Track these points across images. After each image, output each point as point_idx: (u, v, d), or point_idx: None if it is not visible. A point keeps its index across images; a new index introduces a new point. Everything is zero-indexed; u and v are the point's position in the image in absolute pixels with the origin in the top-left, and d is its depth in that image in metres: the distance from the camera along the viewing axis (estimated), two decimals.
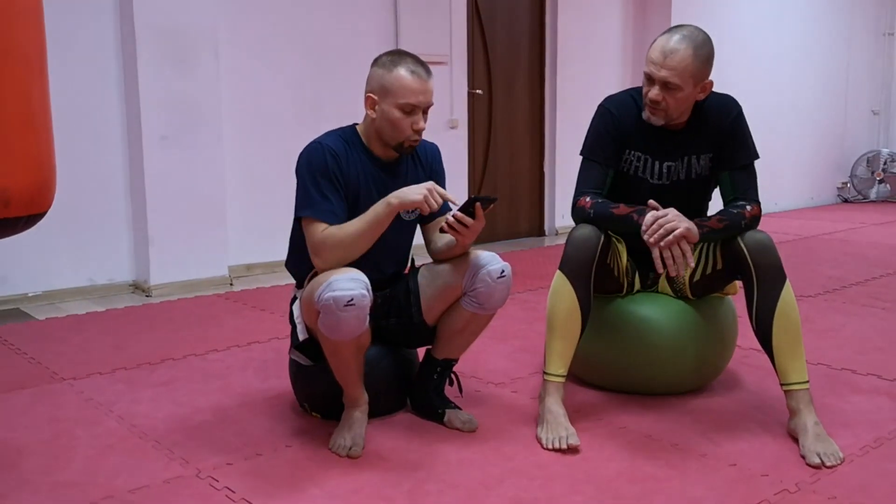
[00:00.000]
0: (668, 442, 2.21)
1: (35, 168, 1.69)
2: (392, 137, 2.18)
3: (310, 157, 2.16)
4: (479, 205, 2.08)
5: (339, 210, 2.14)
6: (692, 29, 2.27)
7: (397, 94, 2.12)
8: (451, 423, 2.32)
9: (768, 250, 2.23)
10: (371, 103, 2.17)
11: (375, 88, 2.16)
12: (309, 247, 2.14)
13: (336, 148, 2.17)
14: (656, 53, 2.24)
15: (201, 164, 4.31)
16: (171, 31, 4.13)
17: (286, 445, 2.21)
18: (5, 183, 1.63)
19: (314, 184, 2.13)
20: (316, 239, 2.10)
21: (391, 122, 2.15)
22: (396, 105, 2.13)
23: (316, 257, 2.12)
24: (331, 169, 2.14)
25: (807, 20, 7.97)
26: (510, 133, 6.14)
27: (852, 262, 4.94)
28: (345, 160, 2.17)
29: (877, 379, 2.72)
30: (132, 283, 4.31)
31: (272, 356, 3.04)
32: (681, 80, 2.21)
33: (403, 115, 2.14)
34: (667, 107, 2.27)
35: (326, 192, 2.12)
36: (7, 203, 1.65)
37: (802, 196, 8.26)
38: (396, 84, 2.12)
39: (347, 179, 2.18)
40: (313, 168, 2.14)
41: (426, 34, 5.36)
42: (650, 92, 2.27)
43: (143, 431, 2.31)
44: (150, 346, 3.18)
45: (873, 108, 8.93)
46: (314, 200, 2.12)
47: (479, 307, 2.23)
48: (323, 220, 2.11)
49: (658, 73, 2.23)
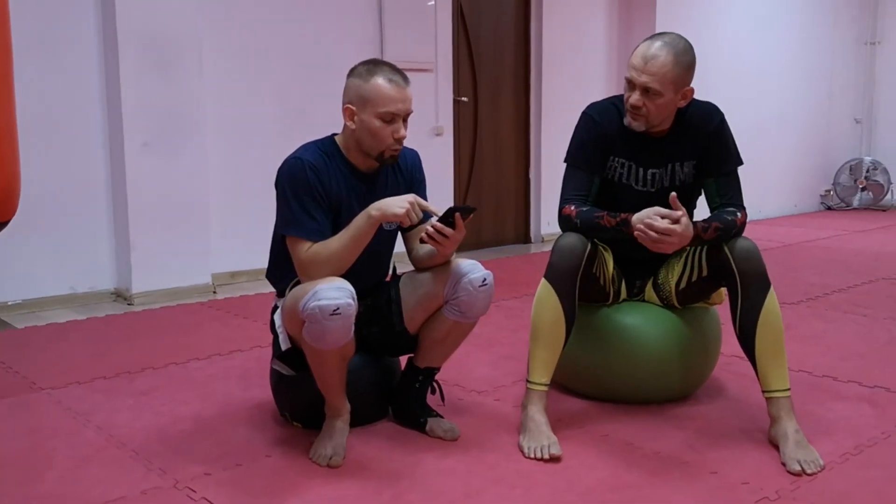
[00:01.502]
0: (650, 450, 2.21)
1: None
2: (373, 147, 2.16)
3: (291, 173, 2.13)
4: (459, 215, 2.07)
5: (323, 227, 2.12)
6: (674, 36, 2.28)
7: (376, 103, 2.11)
8: (433, 432, 2.31)
9: (753, 258, 2.24)
10: (350, 114, 2.15)
11: (354, 99, 2.14)
12: (296, 266, 2.12)
13: (316, 162, 2.15)
14: (638, 59, 2.25)
15: (184, 170, 4.28)
16: (154, 37, 4.11)
17: (266, 455, 2.19)
18: None
19: (297, 201, 2.10)
20: (303, 258, 2.09)
21: (371, 131, 2.13)
22: (376, 114, 2.12)
23: (304, 276, 2.10)
24: (313, 185, 2.12)
25: (791, 29, 8.03)
26: (496, 140, 6.15)
27: (835, 270, 4.97)
28: (325, 174, 2.16)
29: (857, 386, 2.73)
30: (114, 291, 4.28)
31: (254, 365, 3.02)
32: (661, 85, 2.22)
33: (384, 124, 2.13)
34: (647, 112, 2.27)
35: (310, 210, 2.10)
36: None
37: (786, 203, 8.30)
38: (374, 93, 2.11)
39: (329, 193, 2.16)
40: (295, 184, 2.11)
41: (411, 42, 5.36)
42: (631, 97, 2.28)
43: (122, 441, 2.28)
44: (130, 355, 3.16)
45: (856, 116, 9.00)
46: (299, 219, 2.10)
47: (461, 315, 2.22)
48: (309, 238, 2.09)
49: (639, 78, 2.24)
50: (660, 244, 2.17)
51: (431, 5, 5.45)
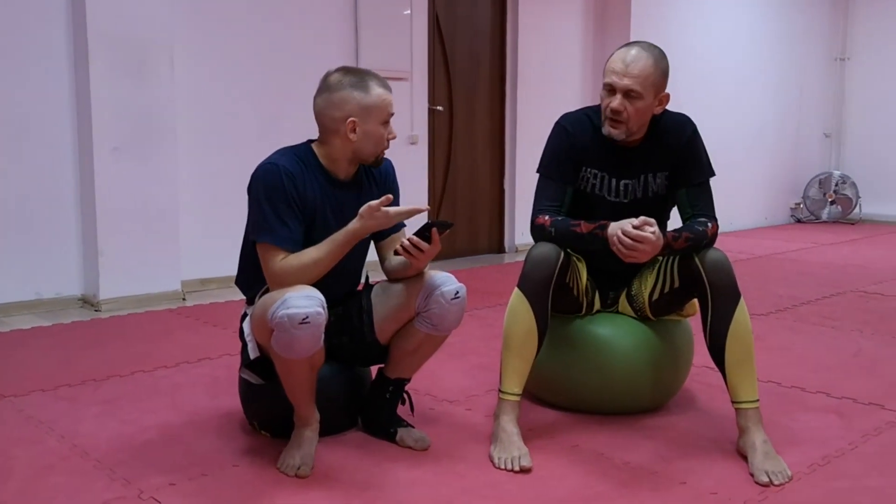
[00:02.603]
0: (620, 460, 2.21)
1: None
2: (372, 153, 2.20)
3: (266, 179, 2.11)
4: (436, 230, 2.07)
5: (297, 235, 2.11)
6: (648, 43, 2.33)
7: (381, 110, 2.16)
8: (402, 442, 2.29)
9: (724, 269, 2.25)
10: (352, 126, 2.14)
11: (355, 111, 2.14)
12: (266, 275, 2.10)
13: (293, 169, 2.13)
14: (618, 64, 2.26)
15: (155, 176, 4.23)
16: (126, 40, 4.07)
17: (233, 465, 2.16)
18: None
19: (271, 207, 2.08)
20: (275, 269, 2.07)
21: (375, 138, 2.17)
22: (381, 122, 2.16)
23: (274, 284, 2.09)
24: (288, 191, 2.10)
25: (762, 45, 8.14)
26: (470, 149, 6.15)
27: (804, 282, 5.03)
28: (301, 181, 2.14)
29: (826, 397, 2.75)
30: (81, 297, 4.21)
31: (223, 373, 2.98)
32: (643, 88, 2.25)
33: (384, 127, 2.18)
34: (628, 118, 2.28)
35: (284, 217, 2.09)
36: None
37: (757, 216, 8.39)
38: (378, 102, 2.15)
39: (304, 201, 2.14)
40: (270, 190, 2.09)
41: (386, 50, 5.36)
42: (612, 102, 2.28)
43: (85, 451, 2.24)
44: (96, 363, 3.10)
45: (825, 130, 9.13)
46: (272, 226, 2.08)
47: (432, 328, 2.21)
48: (281, 247, 2.08)
49: (621, 81, 2.25)
50: (633, 252, 2.17)
51: (407, 14, 5.45)
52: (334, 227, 2.15)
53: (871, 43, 8.81)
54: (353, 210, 2.12)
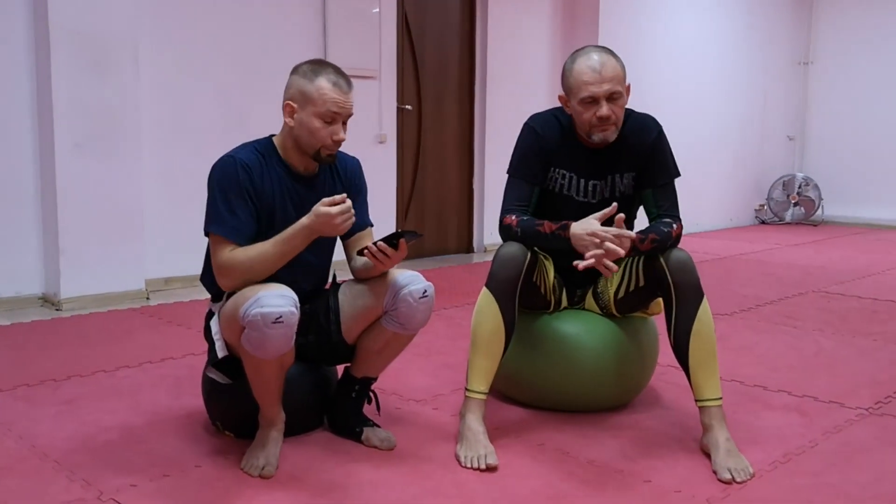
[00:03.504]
0: (585, 459, 2.22)
1: None
2: (309, 146, 2.15)
3: (221, 171, 2.11)
4: (404, 240, 2.06)
5: (246, 227, 2.09)
6: (596, 46, 2.38)
7: (317, 103, 2.10)
8: (368, 442, 2.28)
9: (688, 269, 2.27)
10: (290, 111, 2.14)
11: (295, 96, 2.13)
12: (213, 266, 2.09)
13: (249, 161, 2.12)
14: (590, 75, 2.27)
15: (118, 173, 4.17)
16: (88, 35, 4.00)
17: (196, 465, 2.13)
18: None
19: (223, 199, 2.08)
20: (221, 260, 2.06)
21: (310, 130, 2.12)
22: (316, 114, 2.11)
23: (220, 277, 2.08)
24: (242, 183, 2.09)
25: (727, 48, 8.24)
26: (439, 149, 6.15)
27: (767, 282, 5.10)
28: (258, 174, 2.13)
29: (787, 395, 2.79)
30: (41, 296, 4.13)
31: (186, 373, 2.94)
32: (621, 86, 2.30)
33: (323, 124, 2.12)
34: (616, 119, 2.32)
35: (235, 208, 2.07)
36: None
37: (722, 217, 8.50)
38: (317, 94, 2.10)
39: (261, 194, 2.13)
40: (224, 182, 2.09)
41: (355, 49, 5.33)
42: (599, 111, 2.29)
43: (44, 452, 2.19)
44: (56, 363, 3.05)
45: (789, 133, 9.28)
46: (222, 217, 2.07)
47: (400, 327, 2.20)
48: (228, 237, 2.06)
49: (601, 88, 2.27)
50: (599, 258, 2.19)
51: (376, 13, 5.44)
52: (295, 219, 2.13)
53: (834, 48, 8.97)
54: (313, 205, 2.10)
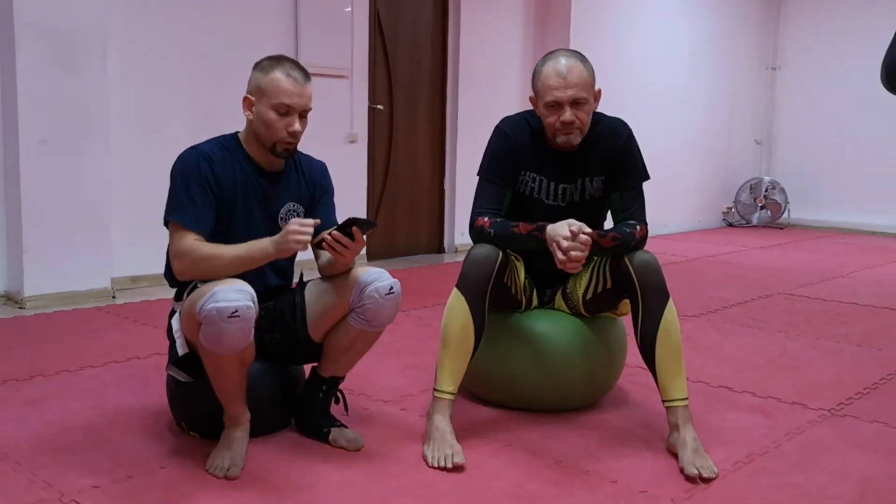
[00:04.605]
0: (552, 459, 2.23)
1: None
2: (266, 138, 2.17)
3: (183, 162, 2.14)
4: (357, 228, 2.05)
5: (204, 216, 2.10)
6: (566, 49, 2.38)
7: (271, 95, 2.13)
8: (335, 442, 2.28)
9: (653, 270, 2.30)
10: (248, 104, 2.18)
11: (253, 90, 2.17)
12: (171, 251, 2.10)
13: (211, 153, 2.15)
14: (554, 78, 2.29)
15: (85, 170, 4.11)
16: (55, 30, 3.94)
17: (160, 466, 2.11)
18: None
19: (184, 188, 2.10)
20: (182, 246, 2.06)
21: (265, 122, 2.14)
22: (271, 105, 2.13)
23: (176, 260, 2.08)
24: (203, 173, 2.11)
25: (696, 52, 8.34)
26: (411, 149, 6.15)
27: (733, 284, 5.16)
28: (220, 165, 2.15)
29: (751, 396, 2.83)
30: (4, 293, 4.06)
31: (152, 373, 2.91)
32: (586, 92, 2.31)
33: (278, 116, 2.14)
34: (581, 124, 2.33)
35: (195, 197, 2.09)
36: None
37: (690, 219, 8.59)
38: (271, 86, 2.13)
39: (222, 185, 2.14)
40: (185, 172, 2.12)
41: (327, 48, 5.31)
42: (562, 116, 2.30)
43: (5, 452, 2.16)
44: (18, 362, 3.00)
45: (756, 137, 9.40)
46: (182, 205, 2.09)
47: (366, 324, 2.20)
48: (187, 226, 2.08)
49: (565, 94, 2.28)
50: (572, 263, 2.21)
51: (348, 11, 5.42)
52: (259, 216, 2.21)
53: (801, 53, 9.11)
54: (277, 200, 2.20)
